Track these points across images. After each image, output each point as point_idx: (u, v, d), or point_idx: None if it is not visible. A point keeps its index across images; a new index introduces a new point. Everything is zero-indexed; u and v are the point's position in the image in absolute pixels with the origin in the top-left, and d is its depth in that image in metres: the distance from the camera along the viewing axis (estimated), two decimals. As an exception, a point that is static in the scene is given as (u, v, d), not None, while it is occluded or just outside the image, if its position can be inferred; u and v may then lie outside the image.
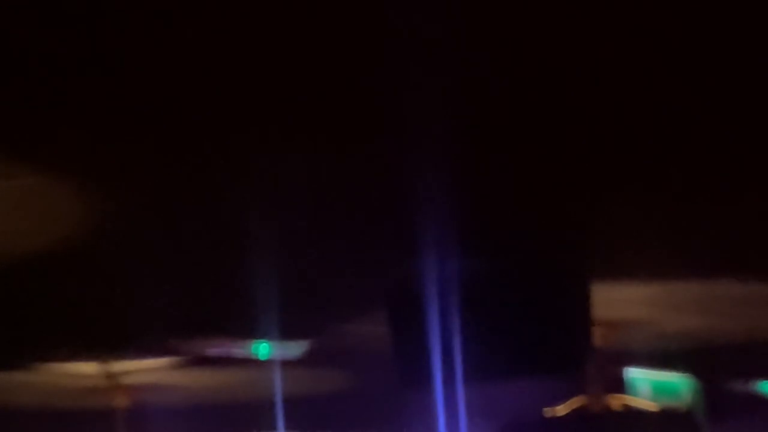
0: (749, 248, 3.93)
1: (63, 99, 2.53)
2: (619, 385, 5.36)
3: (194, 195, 3.33)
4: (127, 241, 3.82)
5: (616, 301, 4.55)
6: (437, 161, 2.94)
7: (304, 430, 8.00)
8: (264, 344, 5.01)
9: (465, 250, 3.79)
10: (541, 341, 4.06)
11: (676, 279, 4.28)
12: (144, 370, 5.69)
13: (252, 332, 4.91)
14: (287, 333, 4.93)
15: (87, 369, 5.61)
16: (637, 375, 5.66)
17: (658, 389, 5.74)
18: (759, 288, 4.35)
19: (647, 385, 5.68)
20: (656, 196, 3.45)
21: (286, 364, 5.35)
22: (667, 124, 2.80)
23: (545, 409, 4.87)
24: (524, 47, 2.31)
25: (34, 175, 3.05)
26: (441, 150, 2.83)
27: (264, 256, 3.91)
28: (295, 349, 5.12)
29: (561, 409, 4.92)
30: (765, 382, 6.24)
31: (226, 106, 2.61)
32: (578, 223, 3.68)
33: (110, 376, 5.76)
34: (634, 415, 5.05)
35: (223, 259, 4.00)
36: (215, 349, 5.25)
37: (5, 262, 3.85)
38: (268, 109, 2.68)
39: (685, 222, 3.68)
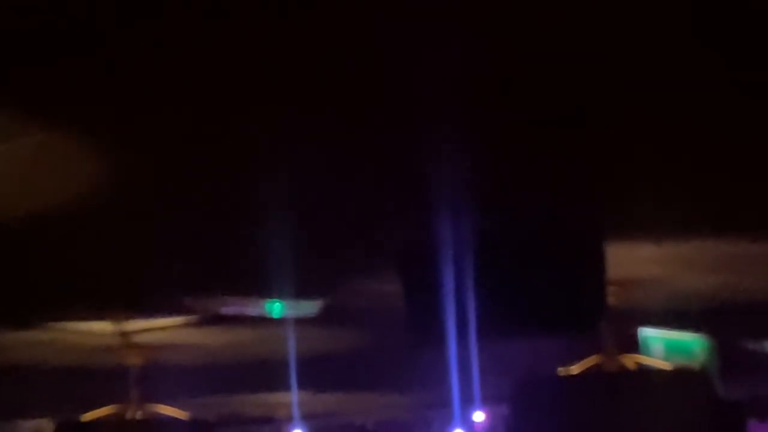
0: (763, 208, 3.93)
1: (75, 56, 2.53)
2: (632, 345, 5.39)
3: (210, 155, 3.36)
4: (142, 200, 3.85)
5: (631, 261, 4.57)
6: (452, 121, 2.95)
7: (318, 388, 8.04)
8: (277, 303, 5.04)
9: (480, 209, 3.81)
10: (556, 300, 4.09)
11: (690, 238, 4.27)
12: (158, 328, 5.72)
13: (266, 291, 4.93)
14: (301, 292, 5.00)
15: (101, 327, 5.64)
16: (651, 334, 5.67)
17: (672, 348, 5.74)
18: (773, 247, 4.36)
19: (661, 344, 5.69)
20: (671, 157, 3.43)
21: (300, 322, 5.41)
22: (680, 85, 2.80)
23: (559, 368, 4.88)
24: (540, 8, 2.30)
25: (48, 132, 3.05)
26: (456, 109, 2.86)
27: (278, 216, 3.91)
28: (309, 307, 5.17)
29: (575, 368, 4.94)
30: (778, 340, 6.24)
31: (246, 65, 2.60)
32: (593, 183, 3.67)
33: (124, 334, 5.78)
34: (647, 373, 5.07)
35: (238, 219, 4.04)
36: (229, 308, 5.27)
37: (20, 220, 3.87)
38: (284, 72, 2.67)
39: (699, 182, 3.68)
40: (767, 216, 4.02)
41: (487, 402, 8.20)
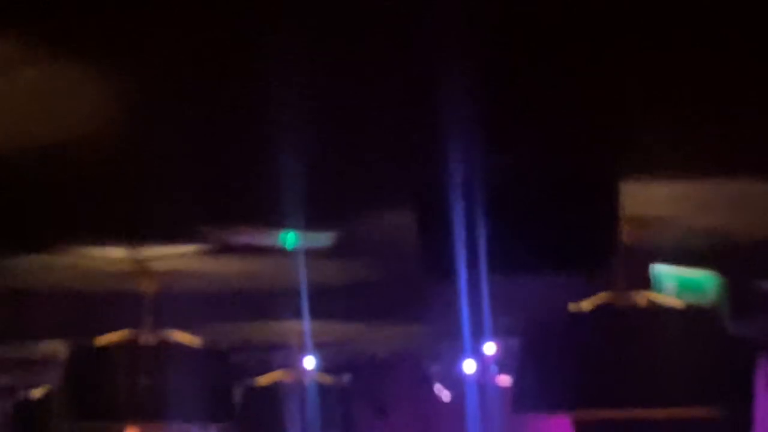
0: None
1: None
2: (645, 282, 5.37)
3: (224, 82, 3.34)
4: (157, 126, 3.86)
5: (644, 198, 4.56)
6: (467, 57, 2.94)
7: (330, 318, 8.07)
8: (291, 233, 5.09)
9: (494, 146, 3.81)
10: (568, 236, 4.10)
11: (704, 176, 4.27)
12: (172, 256, 5.77)
13: (280, 221, 4.96)
14: (314, 223, 5.02)
15: (115, 253, 5.69)
16: (664, 272, 5.67)
17: (684, 286, 5.78)
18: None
19: (673, 281, 5.72)
20: (685, 92, 3.41)
21: (313, 253, 5.45)
22: (697, 17, 2.76)
23: (570, 305, 4.87)
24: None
25: (60, 60, 3.05)
26: (471, 46, 2.86)
27: (293, 146, 3.92)
28: (322, 239, 5.26)
29: (586, 304, 4.94)
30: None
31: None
32: (607, 118, 3.66)
33: (138, 261, 5.84)
34: (659, 310, 5.03)
35: (253, 147, 4.07)
36: (243, 237, 5.32)
37: (36, 147, 3.92)
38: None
39: (713, 118, 3.66)
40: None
41: (497, 335, 8.26)
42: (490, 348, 9.12)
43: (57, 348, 9.12)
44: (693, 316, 4.94)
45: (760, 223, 5.00)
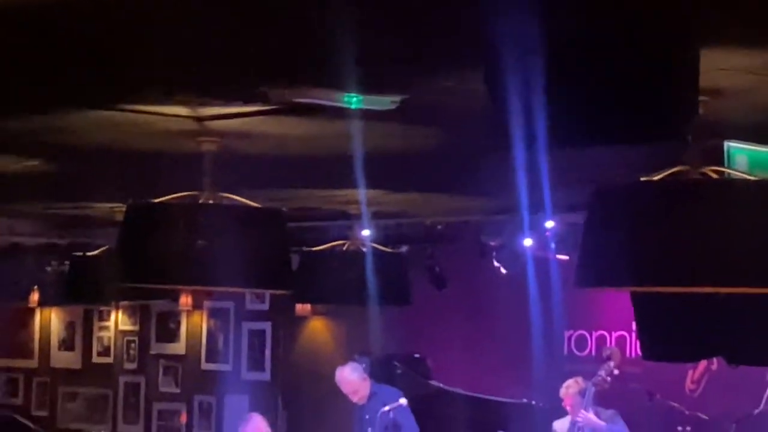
0: None
1: None
2: (717, 156, 5.28)
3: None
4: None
5: (721, 70, 4.50)
6: None
7: (389, 186, 8.13)
8: (355, 95, 5.10)
9: (567, 8, 3.75)
10: (643, 105, 4.03)
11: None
12: (233, 115, 5.76)
13: (343, 82, 4.95)
14: (378, 85, 5.03)
15: (176, 112, 5.70)
16: (736, 146, 5.53)
17: (756, 161, 5.62)
18: None
19: (745, 156, 5.57)
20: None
21: (376, 117, 5.45)
22: None
23: (641, 175, 4.82)
24: None
25: None
26: None
27: (361, 4, 3.90)
28: (387, 102, 5.22)
29: (657, 176, 4.85)
30: None
31: None
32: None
33: (199, 120, 5.85)
34: (731, 185, 5.02)
35: (320, 5, 4.00)
36: (305, 97, 5.30)
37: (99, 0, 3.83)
38: None
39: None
40: None
41: (559, 211, 8.33)
42: (549, 224, 9.22)
43: (115, 208, 9.34)
44: (764, 191, 4.92)
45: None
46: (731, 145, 5.40)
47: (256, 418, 10.72)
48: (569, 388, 9.12)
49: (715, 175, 4.86)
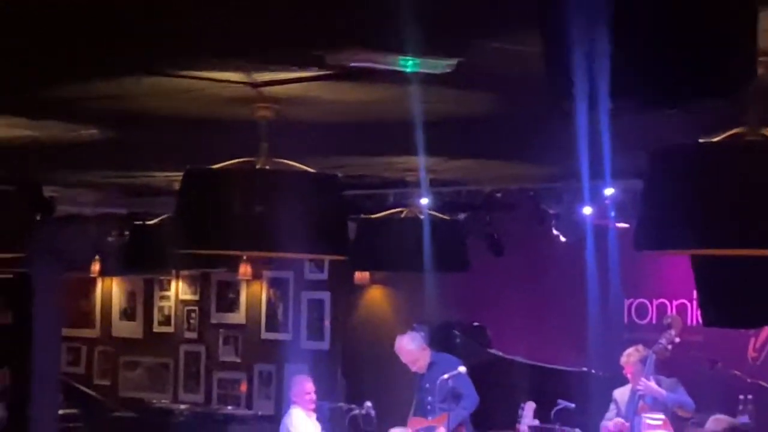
0: None
1: None
2: None
3: None
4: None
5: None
6: None
7: (447, 153, 8.14)
8: (411, 59, 5.09)
9: None
10: (702, 64, 3.91)
11: None
12: (288, 80, 5.77)
13: (399, 46, 4.93)
14: (436, 48, 5.01)
15: (233, 77, 5.74)
16: None
17: None
18: None
19: None
20: None
21: (433, 81, 5.42)
22: None
23: (700, 137, 4.82)
24: None
25: None
26: None
27: None
28: (443, 65, 5.20)
29: (716, 138, 4.83)
30: None
31: None
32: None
33: (254, 86, 5.87)
34: None
35: None
36: (361, 61, 5.28)
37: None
38: None
39: None
40: None
41: (619, 178, 8.32)
42: (609, 191, 9.21)
43: (173, 176, 9.41)
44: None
45: None
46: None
47: (302, 378, 11.12)
48: (630, 356, 9.13)
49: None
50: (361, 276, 12.40)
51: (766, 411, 9.28)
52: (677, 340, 9.53)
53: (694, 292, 7.96)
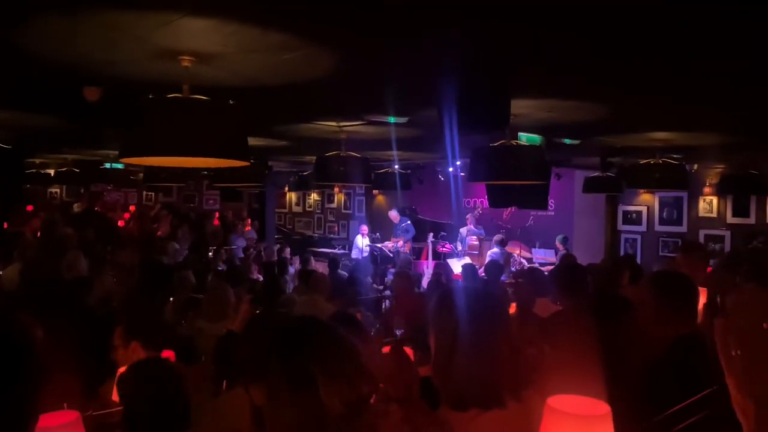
0: None
1: None
2: (515, 137, 7.59)
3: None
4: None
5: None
6: None
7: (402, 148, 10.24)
8: (392, 117, 7.47)
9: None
10: (489, 119, 5.61)
11: None
12: (351, 125, 9.19)
13: (387, 113, 7.45)
14: (400, 113, 7.31)
15: (330, 123, 9.07)
16: (523, 134, 8.18)
17: (531, 141, 8.20)
18: None
19: (525, 138, 8.09)
20: None
21: (400, 125, 7.70)
22: None
23: (490, 143, 7.19)
24: None
25: None
26: None
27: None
28: (404, 119, 7.79)
29: (496, 143, 7.01)
30: None
31: None
32: None
33: (339, 127, 9.42)
34: (510, 146, 7.38)
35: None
36: (374, 117, 8.17)
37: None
38: None
39: None
40: None
41: (463, 157, 11.59)
42: (458, 163, 12.80)
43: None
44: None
45: None
46: (521, 134, 8.41)
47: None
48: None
49: (514, 143, 7.45)
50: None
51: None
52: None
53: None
